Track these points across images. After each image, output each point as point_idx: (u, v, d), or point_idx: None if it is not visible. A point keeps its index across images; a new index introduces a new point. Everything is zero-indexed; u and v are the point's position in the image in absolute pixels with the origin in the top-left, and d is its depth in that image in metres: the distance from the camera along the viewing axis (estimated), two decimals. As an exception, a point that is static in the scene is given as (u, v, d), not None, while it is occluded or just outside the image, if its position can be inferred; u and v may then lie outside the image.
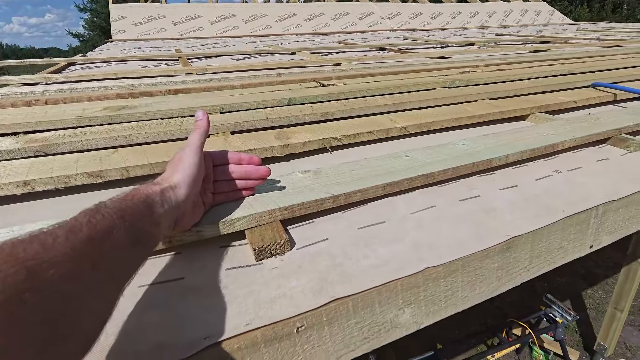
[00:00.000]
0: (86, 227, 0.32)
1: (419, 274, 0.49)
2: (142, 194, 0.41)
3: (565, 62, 1.86)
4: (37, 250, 0.27)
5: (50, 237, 0.29)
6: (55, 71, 2.08)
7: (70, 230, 0.30)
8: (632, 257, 2.26)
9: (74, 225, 0.31)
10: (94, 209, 0.35)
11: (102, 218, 0.34)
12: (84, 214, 0.33)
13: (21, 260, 0.25)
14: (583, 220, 0.64)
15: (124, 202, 0.38)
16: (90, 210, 0.34)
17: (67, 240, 0.29)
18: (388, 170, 0.68)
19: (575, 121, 0.97)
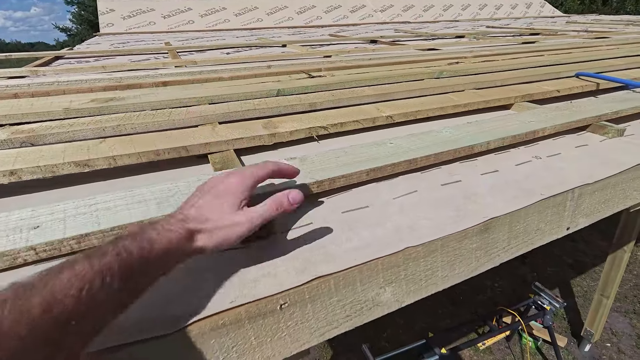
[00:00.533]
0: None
1: (399, 254, 0.51)
2: (157, 251, 0.37)
3: (552, 53, 1.89)
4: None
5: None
6: (42, 64, 2.05)
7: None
8: (618, 245, 2.32)
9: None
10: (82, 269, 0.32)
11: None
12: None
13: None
14: (560, 202, 0.67)
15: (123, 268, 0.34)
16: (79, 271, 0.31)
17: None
18: (372, 157, 0.69)
19: (556, 109, 0.99)
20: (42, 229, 0.48)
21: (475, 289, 3.29)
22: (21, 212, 0.52)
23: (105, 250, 0.34)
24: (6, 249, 0.44)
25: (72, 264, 0.32)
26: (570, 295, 3.24)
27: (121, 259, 0.34)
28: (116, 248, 0.35)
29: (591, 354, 2.69)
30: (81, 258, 0.33)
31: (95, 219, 0.50)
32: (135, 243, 0.36)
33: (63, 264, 0.32)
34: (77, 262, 0.32)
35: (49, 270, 0.31)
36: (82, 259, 0.33)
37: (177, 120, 0.91)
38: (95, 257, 0.33)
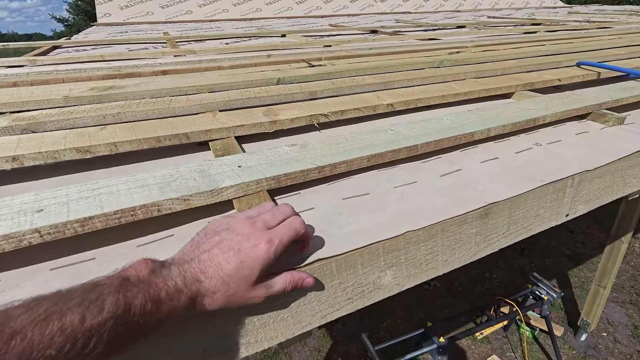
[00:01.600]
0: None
1: (400, 237, 0.52)
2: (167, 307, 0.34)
3: (553, 43, 1.87)
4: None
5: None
6: (40, 54, 2.04)
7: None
8: (616, 236, 2.34)
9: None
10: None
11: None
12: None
13: None
14: (559, 188, 0.67)
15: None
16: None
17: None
18: (373, 143, 0.69)
19: (557, 98, 0.99)
20: (46, 212, 0.48)
21: (474, 280, 3.31)
22: (25, 196, 0.52)
23: (103, 302, 0.30)
24: (12, 231, 0.44)
25: (62, 313, 0.28)
26: (568, 285, 3.27)
27: (117, 318, 0.30)
28: (117, 302, 0.30)
29: (587, 343, 2.73)
30: (74, 305, 0.28)
31: (98, 203, 0.51)
32: (139, 299, 0.32)
33: (55, 305, 0.28)
34: (68, 310, 0.28)
35: (37, 307, 0.27)
36: (75, 308, 0.28)
37: (178, 108, 0.90)
38: (89, 311, 0.29)
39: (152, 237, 0.52)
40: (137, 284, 0.33)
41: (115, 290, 0.31)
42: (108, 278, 0.33)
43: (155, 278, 0.35)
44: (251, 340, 0.46)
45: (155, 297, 0.33)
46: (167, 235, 0.52)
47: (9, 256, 0.46)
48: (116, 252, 0.50)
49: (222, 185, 0.55)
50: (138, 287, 0.33)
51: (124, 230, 0.52)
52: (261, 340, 0.46)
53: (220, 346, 0.44)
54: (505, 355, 2.69)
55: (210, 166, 0.61)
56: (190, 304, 0.36)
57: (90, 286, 0.31)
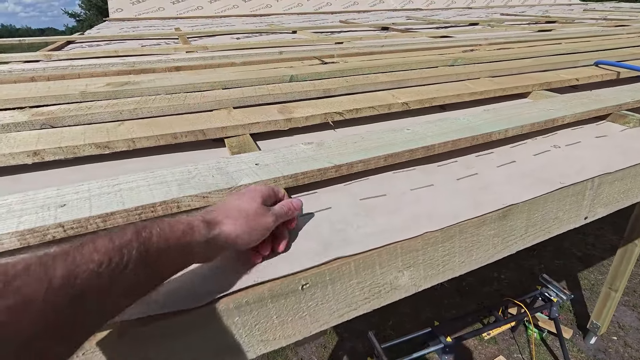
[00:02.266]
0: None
1: (418, 238, 0.52)
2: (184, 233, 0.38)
3: (569, 42, 1.84)
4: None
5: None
6: (54, 49, 2.06)
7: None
8: (629, 238, 2.30)
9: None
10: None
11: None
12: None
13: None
14: (579, 191, 0.66)
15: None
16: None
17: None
18: (389, 142, 0.69)
19: (576, 98, 0.97)
20: (69, 207, 0.49)
21: (482, 280, 3.29)
22: (47, 191, 0.53)
23: (126, 229, 0.35)
24: (36, 225, 0.45)
25: (93, 239, 0.32)
26: (577, 287, 3.23)
27: (140, 236, 0.34)
28: (136, 226, 0.35)
29: (596, 347, 2.70)
30: (102, 234, 0.33)
31: (119, 199, 0.51)
32: (155, 224, 0.37)
33: (84, 238, 0.33)
34: (98, 237, 0.33)
35: (71, 242, 0.32)
36: (103, 235, 0.33)
37: (193, 105, 0.91)
38: (115, 234, 0.33)
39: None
40: (151, 219, 0.40)
41: (133, 223, 0.37)
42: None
43: (168, 217, 0.40)
44: (269, 338, 0.46)
45: (169, 221, 0.38)
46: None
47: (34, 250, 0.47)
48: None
49: (240, 183, 0.55)
50: (152, 219, 0.38)
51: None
52: (279, 338, 0.46)
53: (238, 343, 0.44)
54: (512, 357, 2.67)
55: (227, 163, 0.61)
56: (207, 227, 0.40)
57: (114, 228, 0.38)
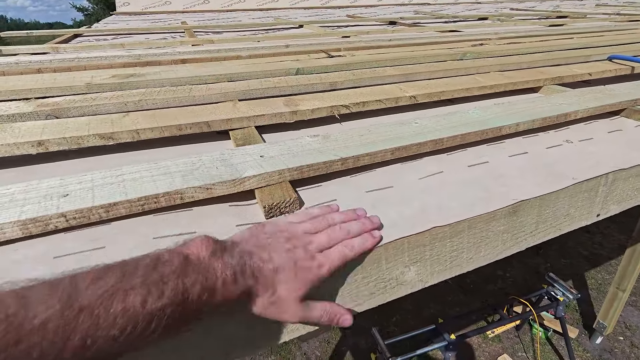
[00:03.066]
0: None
1: (426, 233, 0.50)
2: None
3: (582, 36, 1.80)
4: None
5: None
6: (62, 42, 2.06)
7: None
8: (638, 238, 2.26)
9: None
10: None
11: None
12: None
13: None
14: (592, 187, 0.64)
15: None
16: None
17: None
18: (397, 136, 0.68)
19: (589, 92, 0.95)
20: (72, 197, 0.49)
21: (486, 277, 3.27)
22: (51, 181, 0.52)
23: (164, 285, 0.30)
24: (38, 214, 0.45)
25: (127, 292, 0.27)
26: (584, 287, 3.19)
27: (176, 305, 0.30)
28: (177, 287, 0.30)
29: (602, 347, 2.67)
30: (138, 285, 0.28)
31: (122, 189, 0.51)
32: (196, 287, 0.32)
33: (120, 282, 0.28)
34: (132, 290, 0.28)
35: (104, 282, 0.27)
36: (138, 288, 0.28)
37: (198, 97, 0.90)
38: (150, 295, 0.29)
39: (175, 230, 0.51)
40: (196, 269, 0.33)
41: (176, 274, 0.31)
42: (169, 253, 0.33)
43: (214, 262, 0.35)
44: (274, 332, 0.45)
45: (212, 285, 0.33)
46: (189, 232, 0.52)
47: (36, 239, 0.46)
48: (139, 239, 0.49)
49: (244, 175, 0.54)
50: (197, 273, 0.32)
51: (146, 218, 0.51)
52: (284, 333, 0.46)
53: (245, 336, 0.44)
54: (517, 355, 2.66)
55: (232, 155, 0.60)
56: (242, 297, 0.36)
57: (153, 262, 0.31)
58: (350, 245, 0.44)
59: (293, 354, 2.68)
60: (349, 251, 0.44)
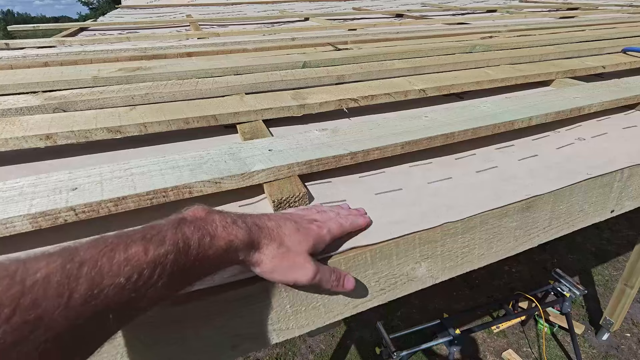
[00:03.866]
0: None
1: (437, 229, 0.50)
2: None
3: (594, 28, 1.76)
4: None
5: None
6: (68, 35, 2.06)
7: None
8: (647, 234, 2.23)
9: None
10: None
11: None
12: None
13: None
14: (607, 183, 0.63)
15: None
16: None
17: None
18: (407, 130, 0.66)
19: (602, 86, 0.93)
20: (81, 190, 0.48)
21: (492, 273, 3.25)
22: (59, 174, 0.52)
23: (164, 236, 0.30)
24: (48, 208, 0.45)
25: (126, 244, 0.28)
26: (591, 283, 3.17)
27: (177, 250, 0.30)
28: (175, 236, 0.31)
29: (609, 343, 2.66)
30: (138, 239, 0.29)
31: (131, 183, 0.50)
32: (196, 233, 0.32)
33: (117, 238, 0.29)
34: (132, 243, 0.29)
35: (102, 241, 0.28)
36: (138, 241, 0.29)
37: (204, 90, 0.89)
38: (152, 243, 0.29)
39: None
40: (193, 222, 0.33)
41: (173, 226, 0.32)
42: (165, 219, 0.33)
43: (212, 215, 0.35)
44: (282, 327, 0.45)
45: (212, 231, 0.33)
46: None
47: (46, 233, 0.46)
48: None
49: (253, 169, 0.54)
50: (195, 224, 0.33)
51: (155, 212, 0.51)
52: (292, 328, 0.45)
53: (252, 332, 0.43)
54: (522, 350, 2.65)
55: (240, 149, 0.60)
56: (248, 246, 0.36)
57: (150, 226, 0.31)
58: (345, 218, 0.46)
59: (298, 347, 2.70)
60: (344, 221, 0.46)
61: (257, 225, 0.38)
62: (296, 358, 2.62)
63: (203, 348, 0.41)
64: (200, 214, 0.35)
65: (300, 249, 0.39)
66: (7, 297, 0.22)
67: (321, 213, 0.47)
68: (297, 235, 0.40)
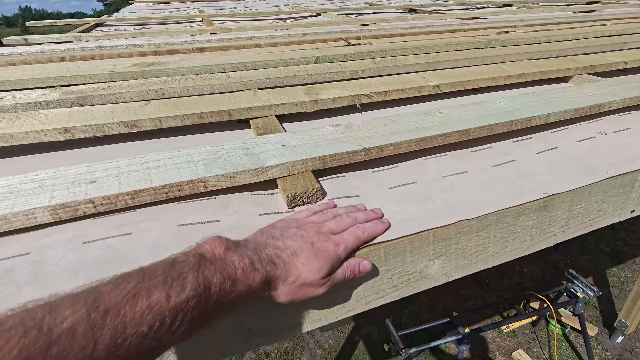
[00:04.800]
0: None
1: (452, 226, 0.49)
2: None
3: (615, 23, 1.71)
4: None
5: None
6: (84, 31, 2.10)
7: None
8: (667, 235, 2.17)
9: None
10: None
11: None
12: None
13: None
14: (627, 182, 0.61)
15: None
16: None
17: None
18: (421, 126, 0.66)
19: (624, 82, 0.90)
20: (99, 183, 0.49)
21: (503, 272, 3.22)
22: (78, 167, 0.53)
23: (185, 278, 0.30)
24: (67, 200, 0.46)
25: (149, 291, 0.28)
26: (605, 284, 3.10)
27: (199, 297, 0.30)
28: (197, 280, 0.30)
29: (623, 346, 2.60)
30: (159, 282, 0.29)
31: (147, 177, 0.51)
32: (217, 276, 0.32)
33: (139, 283, 0.28)
34: (154, 288, 0.28)
35: (125, 284, 0.27)
36: (160, 285, 0.29)
37: (218, 85, 0.90)
38: (173, 289, 0.29)
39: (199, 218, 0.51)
40: (213, 262, 0.33)
41: (194, 268, 0.31)
42: (185, 255, 0.33)
43: (231, 255, 0.35)
44: (295, 322, 0.45)
45: (232, 274, 0.33)
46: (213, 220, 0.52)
47: (64, 224, 0.47)
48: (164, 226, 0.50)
49: (267, 164, 0.54)
50: (215, 265, 0.33)
51: (171, 205, 0.52)
52: (305, 323, 0.46)
53: (264, 326, 0.44)
54: (532, 351, 2.62)
55: (254, 144, 0.60)
56: (265, 285, 0.36)
57: (170, 264, 0.31)
58: (362, 228, 0.45)
59: (306, 342, 2.72)
60: (361, 233, 0.45)
61: (273, 263, 0.37)
62: (305, 353, 2.64)
63: (216, 342, 0.42)
64: (218, 252, 0.34)
65: (316, 278, 0.39)
66: (35, 350, 0.22)
67: (337, 220, 0.46)
68: (314, 262, 0.39)
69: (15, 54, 1.24)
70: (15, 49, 1.38)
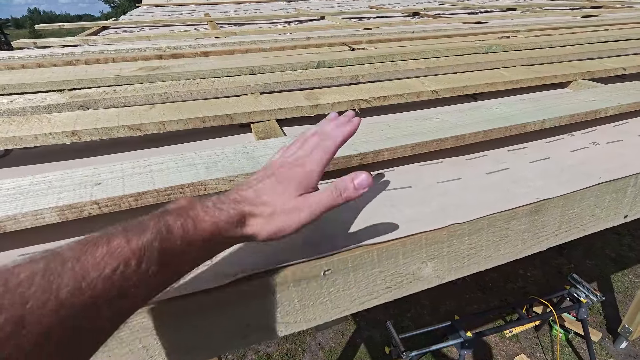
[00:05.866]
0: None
1: (444, 230, 0.50)
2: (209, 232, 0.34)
3: (617, 28, 1.71)
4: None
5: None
6: (91, 34, 2.14)
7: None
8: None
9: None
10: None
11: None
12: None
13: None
14: (620, 188, 0.62)
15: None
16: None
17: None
18: (417, 131, 0.67)
19: (622, 88, 0.91)
20: (104, 185, 0.51)
21: (506, 276, 3.21)
22: (84, 170, 0.55)
23: (146, 225, 0.31)
24: (74, 201, 0.48)
25: (108, 238, 0.28)
26: (609, 290, 3.08)
27: (161, 237, 0.30)
28: (157, 224, 0.31)
29: (627, 352, 2.59)
30: (119, 232, 0.29)
31: (150, 179, 0.53)
32: (179, 220, 0.33)
33: (99, 236, 0.29)
34: (113, 236, 0.29)
35: (85, 240, 0.28)
36: (120, 233, 0.29)
37: (221, 90, 0.92)
38: (133, 233, 0.30)
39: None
40: (175, 210, 0.34)
41: (155, 216, 0.32)
42: (150, 214, 0.34)
43: (193, 203, 0.35)
44: (290, 321, 0.47)
45: (194, 216, 0.34)
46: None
47: (72, 224, 0.49)
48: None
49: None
50: (177, 212, 0.33)
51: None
52: (300, 322, 0.47)
53: (261, 323, 0.45)
54: (535, 356, 2.61)
55: (254, 148, 0.62)
56: (237, 224, 0.36)
57: (132, 220, 0.32)
58: (327, 135, 0.45)
59: (308, 343, 2.73)
60: (329, 143, 0.44)
61: (236, 200, 0.38)
62: (306, 354, 2.65)
63: (215, 337, 0.44)
64: (182, 204, 0.35)
65: (284, 202, 0.39)
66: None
67: (303, 144, 0.45)
68: (276, 187, 0.39)
69: (25, 57, 1.28)
70: (25, 52, 1.41)
